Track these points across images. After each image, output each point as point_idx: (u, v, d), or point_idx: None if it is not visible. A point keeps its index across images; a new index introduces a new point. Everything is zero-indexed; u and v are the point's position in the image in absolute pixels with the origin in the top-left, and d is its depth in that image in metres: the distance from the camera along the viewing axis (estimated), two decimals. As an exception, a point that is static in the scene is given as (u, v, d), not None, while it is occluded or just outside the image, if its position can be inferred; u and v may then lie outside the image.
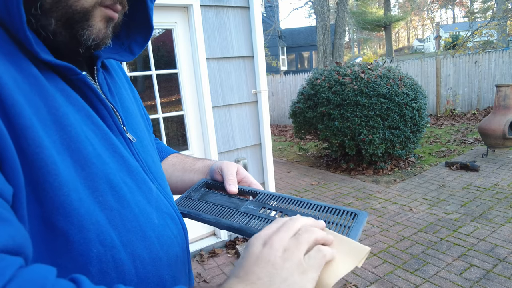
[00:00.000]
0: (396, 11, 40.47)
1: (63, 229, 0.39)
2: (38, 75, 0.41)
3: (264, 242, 0.43)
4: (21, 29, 0.39)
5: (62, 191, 0.39)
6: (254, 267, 0.41)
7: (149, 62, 2.47)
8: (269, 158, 3.03)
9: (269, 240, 0.43)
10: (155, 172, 0.60)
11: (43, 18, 0.43)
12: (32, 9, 0.42)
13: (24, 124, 0.37)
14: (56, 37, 0.45)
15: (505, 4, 15.79)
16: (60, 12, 0.43)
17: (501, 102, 4.81)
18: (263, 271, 0.40)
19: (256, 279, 0.40)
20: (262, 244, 0.43)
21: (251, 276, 0.40)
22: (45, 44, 0.44)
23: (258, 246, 0.43)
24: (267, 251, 0.42)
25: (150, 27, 0.60)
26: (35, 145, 0.37)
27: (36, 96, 0.40)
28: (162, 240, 0.53)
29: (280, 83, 10.23)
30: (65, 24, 0.44)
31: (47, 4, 0.42)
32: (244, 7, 2.70)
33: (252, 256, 0.42)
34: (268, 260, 0.41)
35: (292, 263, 0.41)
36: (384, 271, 2.48)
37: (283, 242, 0.43)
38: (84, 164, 0.43)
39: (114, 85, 0.60)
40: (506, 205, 3.39)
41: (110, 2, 0.47)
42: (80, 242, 0.41)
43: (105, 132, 0.49)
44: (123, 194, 0.47)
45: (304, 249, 0.43)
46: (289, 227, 0.45)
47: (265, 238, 0.44)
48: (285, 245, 0.42)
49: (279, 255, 0.41)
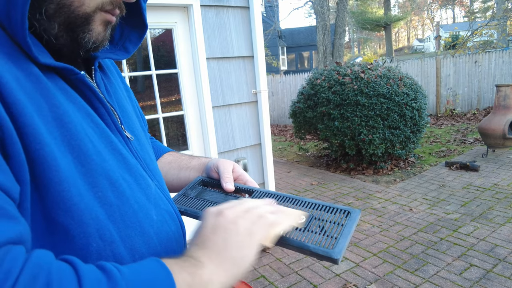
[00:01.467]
0: (396, 11, 40.49)
1: (63, 223, 0.40)
2: (39, 74, 0.42)
3: (217, 214, 0.50)
4: (22, 36, 0.41)
5: (62, 186, 0.40)
6: (210, 235, 0.47)
7: (149, 62, 2.47)
8: (269, 158, 3.03)
9: (222, 212, 0.50)
10: (153, 169, 0.61)
11: (47, 22, 0.45)
12: (37, 14, 0.43)
13: (26, 122, 0.38)
14: (58, 40, 0.47)
15: (505, 4, 15.79)
16: (63, 17, 0.45)
17: (501, 102, 4.81)
18: (218, 237, 0.46)
19: (212, 244, 0.46)
20: (216, 215, 0.49)
21: (207, 243, 0.46)
22: (46, 46, 0.46)
23: (213, 217, 0.49)
24: (221, 220, 0.48)
25: (144, 26, 0.62)
26: (36, 141, 0.38)
27: (38, 94, 0.41)
28: (161, 236, 0.54)
29: (280, 83, 10.23)
30: (67, 28, 0.46)
31: (51, 10, 0.44)
32: (244, 7, 2.70)
33: (208, 226, 0.48)
34: (221, 227, 0.47)
35: (241, 227, 0.47)
36: (384, 271, 2.48)
37: (235, 212, 0.50)
38: (84, 160, 0.44)
39: (111, 85, 0.61)
40: (506, 205, 3.39)
41: (110, 7, 0.49)
42: (80, 236, 0.42)
43: (104, 130, 0.50)
44: (123, 190, 0.48)
45: (252, 217, 0.49)
46: (240, 203, 0.52)
47: (218, 211, 0.50)
48: (236, 215, 0.49)
49: (231, 222, 0.48)
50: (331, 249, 0.50)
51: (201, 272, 0.42)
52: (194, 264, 0.43)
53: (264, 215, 0.50)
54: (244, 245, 0.46)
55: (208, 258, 0.44)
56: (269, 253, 2.82)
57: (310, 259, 2.69)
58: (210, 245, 0.46)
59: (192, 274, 0.41)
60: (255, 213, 0.50)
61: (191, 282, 0.41)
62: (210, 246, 0.46)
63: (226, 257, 0.45)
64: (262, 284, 2.42)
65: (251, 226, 0.48)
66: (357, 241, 2.94)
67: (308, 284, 2.39)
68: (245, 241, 0.47)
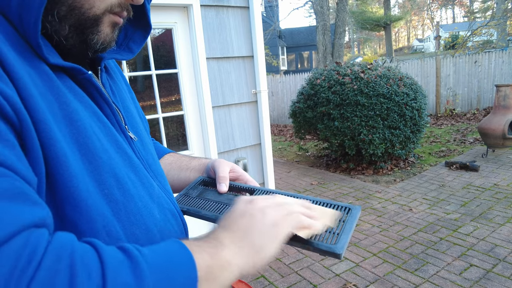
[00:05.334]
0: (396, 11, 40.48)
1: (72, 218, 0.42)
2: (49, 73, 0.44)
3: (249, 201, 0.51)
4: (34, 37, 0.42)
5: (72, 182, 0.41)
6: (237, 219, 0.49)
7: (149, 62, 2.47)
8: (269, 158, 3.03)
9: (253, 200, 0.51)
10: (155, 170, 0.62)
11: (58, 24, 0.46)
12: (49, 16, 0.45)
13: (39, 117, 0.39)
14: (68, 41, 0.48)
15: (505, 4, 15.79)
16: (74, 19, 0.46)
17: (501, 102, 4.81)
18: (243, 221, 0.48)
19: (237, 228, 0.47)
20: (247, 202, 0.51)
21: (233, 226, 0.48)
22: (56, 47, 0.47)
23: (243, 203, 0.51)
24: (250, 207, 0.50)
25: (148, 26, 0.63)
26: (48, 137, 0.39)
27: (48, 92, 0.42)
28: (164, 234, 0.55)
29: (280, 83, 10.23)
30: (77, 30, 0.47)
31: (63, 12, 0.45)
32: (244, 7, 2.70)
33: (237, 211, 0.50)
34: (249, 213, 0.49)
35: (268, 217, 0.48)
36: (384, 271, 2.48)
37: (266, 203, 0.51)
38: (92, 158, 0.45)
39: (115, 86, 0.63)
40: (506, 205, 3.39)
41: (119, 10, 0.50)
42: (87, 232, 0.43)
43: (110, 129, 0.51)
44: (128, 188, 0.49)
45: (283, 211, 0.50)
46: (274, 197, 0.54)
47: (250, 199, 0.52)
48: (266, 205, 0.50)
49: (260, 210, 0.49)
50: (333, 245, 0.51)
51: (221, 253, 0.43)
52: (215, 245, 0.44)
53: (295, 214, 0.51)
54: (267, 235, 0.47)
55: (231, 240, 0.46)
56: (269, 253, 2.82)
57: (310, 259, 2.69)
58: (234, 228, 0.47)
59: (212, 255, 0.42)
60: (287, 209, 0.51)
61: (211, 263, 0.42)
62: (235, 230, 0.47)
63: (247, 242, 0.46)
64: (262, 284, 2.42)
65: (278, 219, 0.49)
66: (357, 241, 2.95)
67: (308, 284, 2.39)
68: (268, 231, 0.47)
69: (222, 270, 0.42)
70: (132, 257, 0.36)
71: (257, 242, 0.46)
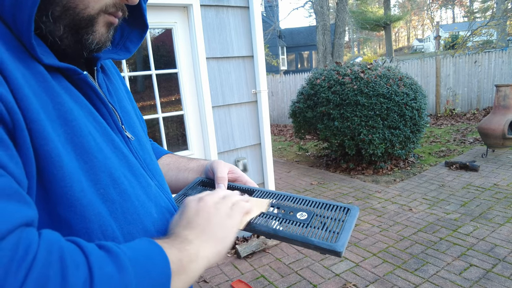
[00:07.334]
0: (396, 10, 40.48)
1: (67, 218, 0.42)
2: (44, 73, 0.44)
3: (198, 200, 0.56)
4: (27, 37, 0.42)
5: (65, 182, 0.41)
6: (194, 217, 0.52)
7: (149, 62, 2.47)
8: (269, 158, 3.03)
9: (203, 199, 0.56)
10: (153, 169, 0.62)
11: (52, 25, 0.46)
12: (43, 17, 0.45)
13: (33, 117, 0.39)
14: (63, 41, 0.48)
15: (505, 4, 15.80)
16: (68, 19, 0.46)
17: (500, 102, 4.81)
18: (201, 218, 0.52)
19: (197, 225, 0.51)
20: (197, 201, 0.55)
21: (192, 223, 0.52)
22: (51, 47, 0.47)
23: (194, 202, 0.55)
24: (202, 204, 0.55)
25: (145, 25, 0.64)
26: (41, 137, 0.40)
27: (43, 92, 0.42)
28: (161, 234, 0.55)
29: (280, 83, 10.23)
30: (72, 30, 0.47)
31: (57, 12, 0.45)
32: (244, 7, 2.70)
33: (191, 210, 0.54)
34: (204, 210, 0.53)
35: (221, 211, 0.54)
36: (384, 271, 2.48)
37: (214, 199, 0.56)
38: (87, 157, 0.45)
39: (112, 86, 0.63)
40: (505, 205, 3.39)
41: (114, 10, 0.50)
42: (82, 232, 0.43)
43: (106, 129, 0.51)
44: (124, 188, 0.50)
45: (229, 203, 0.57)
46: (216, 192, 0.59)
47: (199, 197, 0.57)
48: (215, 201, 0.56)
49: (212, 206, 0.54)
50: (334, 243, 0.52)
51: (189, 247, 0.47)
52: (181, 241, 0.48)
53: (238, 202, 0.58)
54: (225, 226, 0.53)
55: (195, 235, 0.49)
56: (269, 253, 2.82)
57: (310, 259, 2.69)
58: (195, 225, 0.51)
59: (181, 249, 0.46)
60: (231, 200, 0.58)
61: (181, 256, 0.45)
62: (195, 226, 0.51)
63: (210, 235, 0.51)
64: (262, 284, 2.42)
65: (229, 211, 0.55)
66: (357, 241, 2.95)
67: (308, 284, 2.39)
68: (225, 222, 0.53)
69: (191, 262, 0.46)
70: (113, 252, 0.38)
71: (219, 234, 0.51)
